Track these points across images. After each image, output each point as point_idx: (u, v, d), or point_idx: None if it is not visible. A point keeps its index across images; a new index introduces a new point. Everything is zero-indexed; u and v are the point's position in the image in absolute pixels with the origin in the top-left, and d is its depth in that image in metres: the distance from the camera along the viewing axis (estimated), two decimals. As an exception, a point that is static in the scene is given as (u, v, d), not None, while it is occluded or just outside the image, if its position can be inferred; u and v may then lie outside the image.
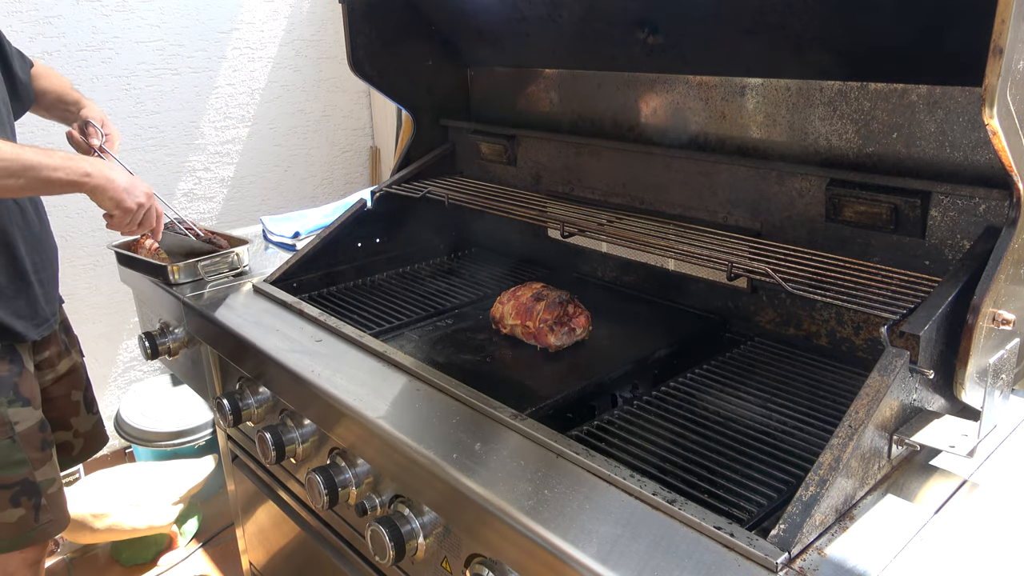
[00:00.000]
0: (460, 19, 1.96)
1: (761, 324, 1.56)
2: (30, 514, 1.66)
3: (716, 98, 1.56)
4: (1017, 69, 0.87)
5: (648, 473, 1.04)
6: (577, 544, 0.89)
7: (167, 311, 1.87)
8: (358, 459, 1.28)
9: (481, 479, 1.02)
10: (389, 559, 1.11)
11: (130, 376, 3.16)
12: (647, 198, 1.73)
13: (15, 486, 1.63)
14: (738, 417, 1.22)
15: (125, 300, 2.98)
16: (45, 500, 1.68)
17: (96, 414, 2.02)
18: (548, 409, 1.26)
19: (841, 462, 0.89)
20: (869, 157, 1.35)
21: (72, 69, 2.73)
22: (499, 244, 2.14)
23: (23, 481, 1.64)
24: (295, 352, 1.43)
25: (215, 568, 2.73)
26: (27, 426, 1.64)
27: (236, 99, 3.18)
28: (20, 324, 1.65)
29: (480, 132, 2.08)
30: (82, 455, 2.00)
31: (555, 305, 1.48)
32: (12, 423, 1.61)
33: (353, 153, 3.62)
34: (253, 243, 2.11)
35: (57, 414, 1.86)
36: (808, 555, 0.86)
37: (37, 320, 1.70)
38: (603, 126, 1.82)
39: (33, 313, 1.69)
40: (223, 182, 3.24)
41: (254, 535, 1.95)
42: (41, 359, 1.80)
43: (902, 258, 1.30)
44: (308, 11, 3.27)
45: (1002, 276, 0.98)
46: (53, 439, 1.75)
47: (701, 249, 1.38)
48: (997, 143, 0.89)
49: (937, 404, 1.06)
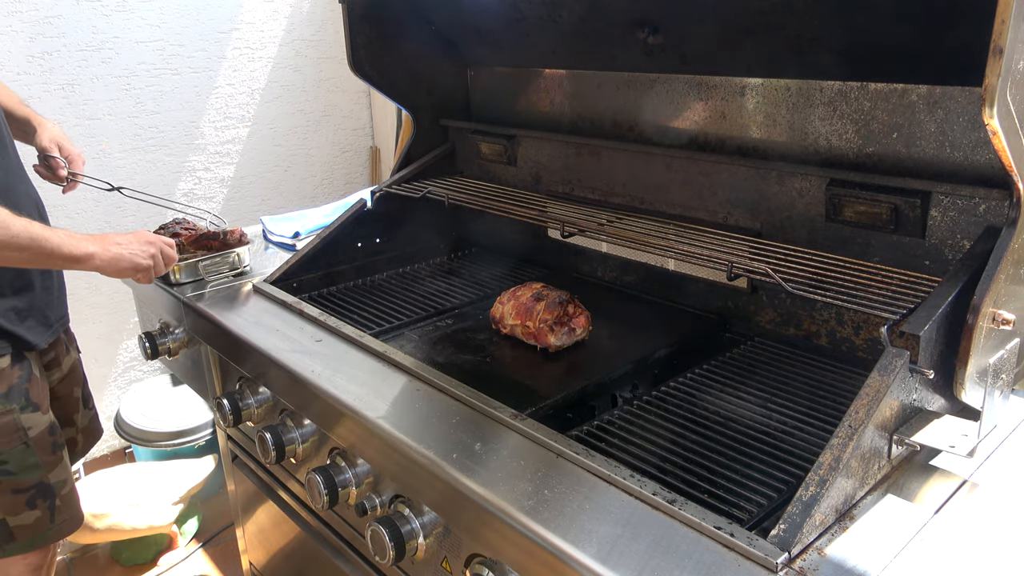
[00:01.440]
0: (460, 19, 1.96)
1: (761, 324, 1.56)
2: (46, 515, 1.69)
3: (716, 98, 1.56)
4: (1017, 69, 0.87)
5: (648, 473, 1.04)
6: (577, 544, 0.89)
7: (167, 311, 1.87)
8: (358, 459, 1.28)
9: (481, 479, 1.02)
10: (389, 559, 1.11)
11: (130, 376, 3.16)
12: (647, 198, 1.73)
13: (31, 489, 1.66)
14: (738, 417, 1.22)
15: (125, 300, 2.98)
16: (59, 501, 1.72)
17: (92, 409, 2.04)
18: (548, 409, 1.26)
19: (841, 462, 0.89)
20: (869, 157, 1.35)
21: (72, 69, 2.73)
22: (499, 244, 2.14)
23: (38, 484, 1.67)
24: (295, 352, 1.43)
25: (215, 568, 2.73)
26: (39, 430, 1.67)
27: (236, 99, 3.18)
28: (30, 333, 1.66)
29: (480, 132, 2.08)
30: (84, 450, 2.02)
31: (555, 305, 1.48)
32: (25, 428, 1.63)
33: (353, 153, 3.62)
34: (253, 243, 2.11)
35: (63, 412, 1.88)
36: (808, 555, 0.86)
37: (45, 327, 1.72)
38: (603, 126, 1.82)
39: (42, 320, 1.71)
40: (223, 182, 3.24)
41: (254, 535, 1.95)
42: (48, 360, 1.81)
43: (902, 258, 1.30)
44: (308, 11, 3.27)
45: (1002, 276, 0.98)
46: (63, 440, 1.78)
47: (701, 249, 1.38)
48: (997, 143, 0.89)
49: (937, 404, 1.06)
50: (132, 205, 2.94)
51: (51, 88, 2.70)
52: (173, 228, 1.92)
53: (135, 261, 1.58)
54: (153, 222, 2.84)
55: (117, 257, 1.55)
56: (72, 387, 1.92)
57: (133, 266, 1.58)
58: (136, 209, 2.96)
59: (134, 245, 1.59)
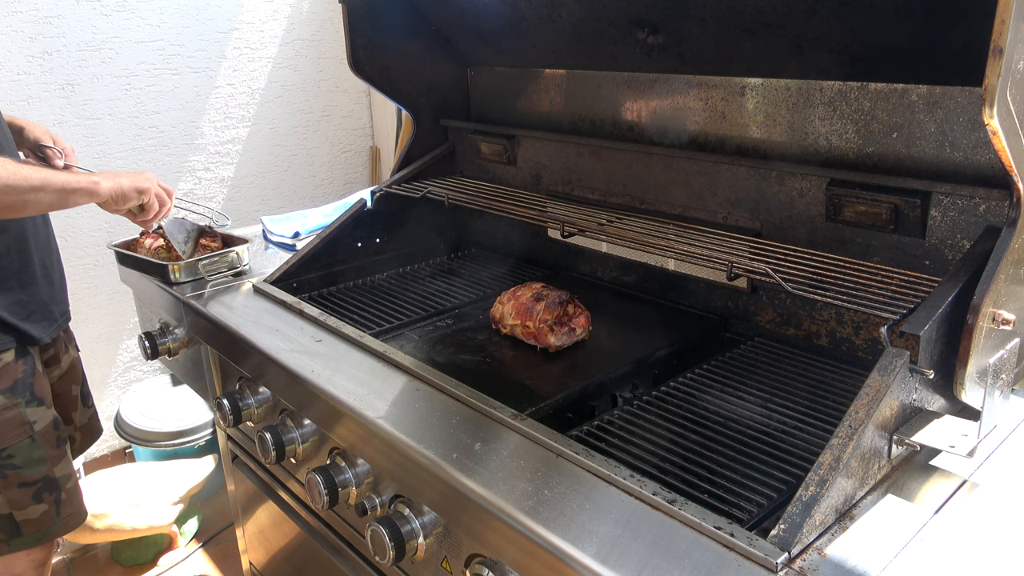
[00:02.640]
0: (460, 19, 1.96)
1: (761, 324, 1.56)
2: (52, 509, 1.71)
3: (716, 98, 1.56)
4: (1017, 69, 0.87)
5: (648, 473, 1.04)
6: (577, 544, 0.89)
7: (167, 311, 1.87)
8: (358, 459, 1.28)
9: (481, 479, 1.02)
10: (389, 559, 1.11)
11: (130, 376, 3.16)
12: (647, 198, 1.73)
13: (38, 483, 1.67)
14: (738, 417, 1.22)
15: (125, 300, 2.99)
16: (64, 495, 1.73)
17: (91, 407, 2.05)
18: (548, 409, 1.26)
19: (841, 462, 0.89)
20: (869, 157, 1.35)
21: (72, 69, 2.73)
22: (499, 244, 2.14)
23: (44, 478, 1.69)
24: (295, 352, 1.43)
25: (215, 568, 2.73)
26: (43, 424, 1.68)
27: (236, 99, 3.18)
28: (34, 327, 1.68)
29: (480, 132, 2.08)
30: (81, 448, 2.02)
31: (555, 305, 1.48)
32: (31, 423, 1.65)
33: (353, 153, 3.62)
34: (253, 243, 2.11)
35: (61, 410, 1.88)
36: (808, 555, 0.86)
37: (49, 321, 1.73)
38: (603, 126, 1.82)
39: (45, 315, 1.72)
40: (223, 182, 3.24)
41: (254, 535, 1.95)
42: (48, 357, 1.82)
43: (902, 258, 1.30)
44: (308, 11, 3.27)
45: (1002, 276, 0.98)
46: (66, 435, 1.80)
47: (701, 249, 1.38)
48: (997, 143, 0.89)
49: (937, 404, 1.06)
50: (132, 205, 2.94)
51: (51, 88, 2.70)
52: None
53: (136, 184, 1.64)
54: (153, 222, 2.84)
55: (118, 185, 1.62)
56: (71, 385, 1.92)
57: (135, 188, 1.64)
58: (136, 209, 2.96)
59: (134, 176, 1.66)
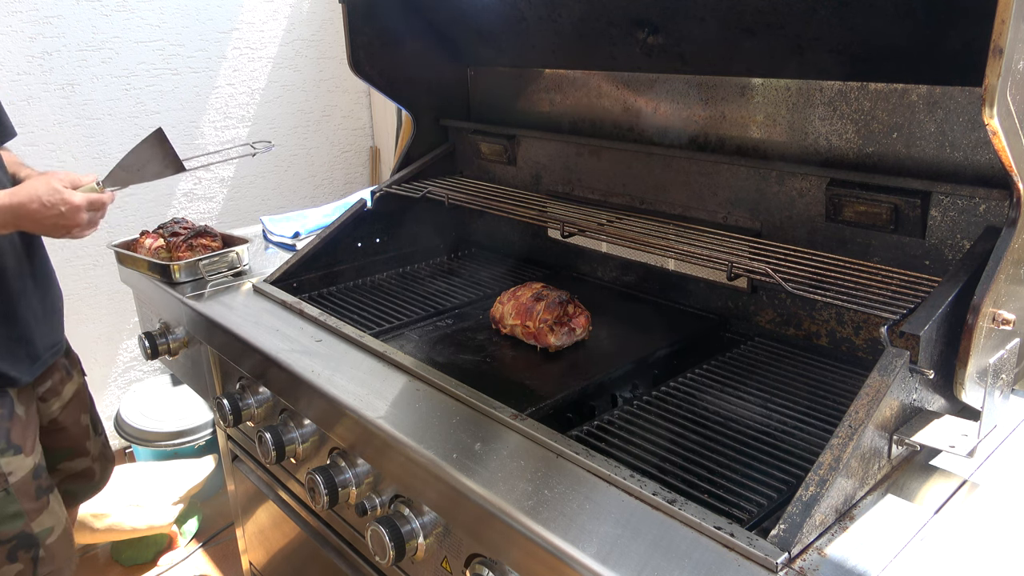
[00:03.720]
0: (460, 19, 1.96)
1: (761, 324, 1.56)
2: (28, 568, 1.58)
3: (716, 98, 1.56)
4: (1017, 69, 0.87)
5: (648, 473, 1.04)
6: (577, 544, 0.89)
7: (167, 311, 1.87)
8: (358, 459, 1.28)
9: (481, 479, 1.02)
10: (389, 559, 1.11)
11: (130, 376, 3.16)
12: (647, 198, 1.73)
13: (11, 541, 1.55)
14: (738, 417, 1.22)
15: (125, 300, 2.98)
16: (43, 552, 1.60)
17: (102, 434, 1.97)
18: (548, 409, 1.26)
19: (841, 462, 0.89)
20: (869, 157, 1.35)
21: (72, 69, 2.73)
22: (499, 244, 2.14)
23: (19, 535, 1.56)
24: (295, 352, 1.43)
25: (215, 568, 2.73)
26: (20, 476, 1.56)
27: (236, 99, 3.18)
28: (14, 367, 1.57)
29: (480, 132, 2.08)
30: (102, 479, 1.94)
31: (555, 305, 1.48)
32: (5, 474, 1.53)
33: (353, 153, 3.62)
34: (253, 243, 2.11)
35: (71, 443, 1.81)
36: (808, 555, 0.86)
37: (31, 360, 1.62)
38: (603, 126, 1.82)
39: (27, 353, 1.60)
40: (223, 182, 3.24)
41: (254, 535, 1.95)
42: (44, 390, 1.73)
43: (902, 258, 1.30)
44: (308, 11, 3.27)
45: (1002, 276, 0.98)
46: (50, 484, 1.67)
47: (701, 249, 1.38)
48: (997, 143, 0.89)
49: (937, 404, 1.06)
50: (132, 204, 2.95)
51: (51, 88, 2.70)
52: (172, 228, 1.92)
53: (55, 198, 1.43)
54: (152, 221, 2.84)
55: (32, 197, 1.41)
56: (78, 414, 1.84)
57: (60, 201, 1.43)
58: (136, 208, 2.96)
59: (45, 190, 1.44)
